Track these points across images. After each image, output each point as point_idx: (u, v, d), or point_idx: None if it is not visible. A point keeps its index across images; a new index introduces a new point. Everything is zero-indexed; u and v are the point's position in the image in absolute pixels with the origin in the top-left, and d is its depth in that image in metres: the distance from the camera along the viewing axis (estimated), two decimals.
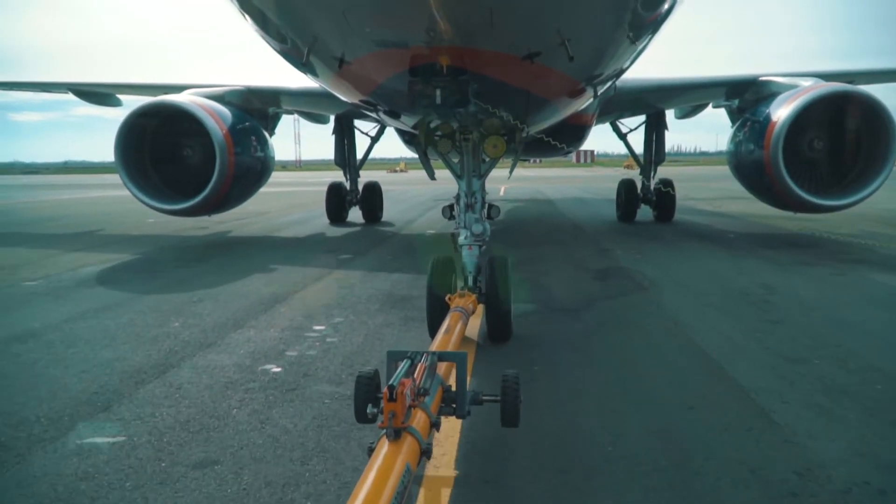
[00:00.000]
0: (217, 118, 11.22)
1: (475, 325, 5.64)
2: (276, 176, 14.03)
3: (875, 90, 10.96)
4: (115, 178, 12.78)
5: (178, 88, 12.84)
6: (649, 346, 5.30)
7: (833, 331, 5.62)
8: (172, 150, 11.87)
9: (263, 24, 4.66)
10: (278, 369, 4.73)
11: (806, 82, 11.06)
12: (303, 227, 15.22)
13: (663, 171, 16.17)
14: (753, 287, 7.44)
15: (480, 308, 5.30)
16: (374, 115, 7.66)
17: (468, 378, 3.09)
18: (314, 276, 8.54)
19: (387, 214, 17.10)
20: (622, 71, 5.98)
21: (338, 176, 17.08)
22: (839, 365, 4.70)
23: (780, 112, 10.43)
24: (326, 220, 16.02)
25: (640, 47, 5.25)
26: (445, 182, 13.09)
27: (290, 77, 12.61)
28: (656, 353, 5.10)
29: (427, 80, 4.39)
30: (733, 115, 13.37)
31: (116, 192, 31.29)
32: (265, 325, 5.99)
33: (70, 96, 16.17)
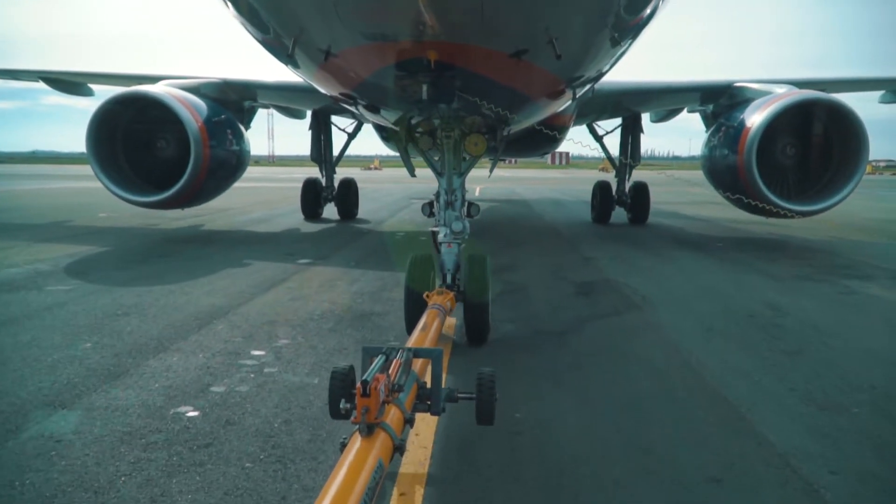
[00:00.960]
0: (192, 110, 10.84)
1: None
2: (247, 171, 13.27)
3: (847, 98, 11.22)
4: (81, 170, 11.96)
5: (153, 79, 12.52)
6: (653, 385, 4.40)
7: (861, 366, 4.82)
8: (146, 141, 11.52)
9: (247, 13, 4.44)
10: (195, 413, 3.76)
11: (780, 89, 11.13)
12: (268, 224, 14.22)
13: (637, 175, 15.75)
14: (758, 307, 6.64)
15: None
16: (353, 110, 7.39)
17: (444, 375, 3.02)
18: (266, 284, 7.54)
19: (361, 211, 16.54)
20: (604, 72, 5.80)
21: (311, 172, 16.56)
22: (882, 415, 3.90)
23: (755, 118, 10.44)
24: (292, 219, 15.25)
25: (623, 49, 5.16)
26: (420, 181, 12.31)
27: (267, 70, 12.06)
28: (663, 395, 4.21)
29: (414, 75, 4.34)
30: (708, 120, 13.36)
31: (79, 184, 29.92)
32: (194, 349, 5.00)
33: (40, 84, 15.52)
